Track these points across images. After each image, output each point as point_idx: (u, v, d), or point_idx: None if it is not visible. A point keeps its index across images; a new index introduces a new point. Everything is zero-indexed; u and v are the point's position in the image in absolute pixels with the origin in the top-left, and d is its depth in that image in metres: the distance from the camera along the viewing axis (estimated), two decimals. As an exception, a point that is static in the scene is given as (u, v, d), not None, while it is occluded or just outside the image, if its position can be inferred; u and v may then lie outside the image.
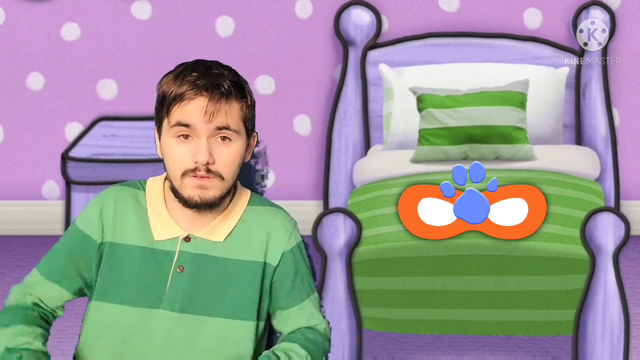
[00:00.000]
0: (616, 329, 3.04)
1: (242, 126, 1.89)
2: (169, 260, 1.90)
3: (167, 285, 1.89)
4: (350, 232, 3.10)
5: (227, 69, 1.89)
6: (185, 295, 1.90)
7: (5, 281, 3.82)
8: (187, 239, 1.91)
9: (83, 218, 1.93)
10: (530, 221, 3.11)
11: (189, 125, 1.83)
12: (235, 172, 1.89)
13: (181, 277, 1.90)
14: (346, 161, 3.87)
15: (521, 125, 3.54)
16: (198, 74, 1.85)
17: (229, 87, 1.85)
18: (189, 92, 1.83)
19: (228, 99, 1.85)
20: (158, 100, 1.89)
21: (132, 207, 1.93)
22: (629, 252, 3.96)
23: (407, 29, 4.07)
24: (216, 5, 4.10)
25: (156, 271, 1.90)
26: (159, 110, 1.88)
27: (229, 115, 1.85)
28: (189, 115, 1.83)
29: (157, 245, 1.91)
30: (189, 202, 1.86)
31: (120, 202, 1.93)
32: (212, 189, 1.86)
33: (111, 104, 4.17)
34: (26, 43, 4.12)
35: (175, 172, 1.86)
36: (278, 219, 1.98)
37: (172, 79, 1.87)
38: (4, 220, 4.24)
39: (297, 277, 1.97)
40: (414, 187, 3.23)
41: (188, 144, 1.84)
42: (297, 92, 4.15)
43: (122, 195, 1.94)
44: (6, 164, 4.22)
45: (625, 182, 4.13)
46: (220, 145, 1.86)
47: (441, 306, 3.11)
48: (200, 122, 1.83)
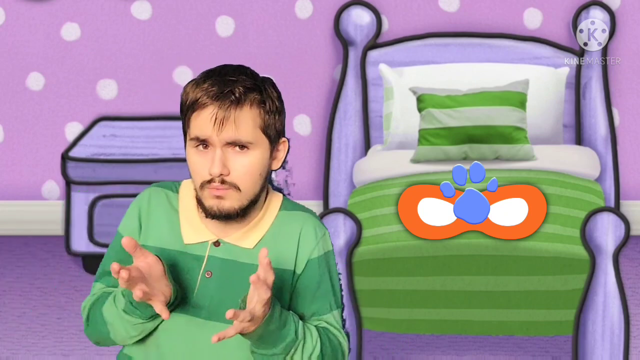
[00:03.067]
0: (616, 329, 3.04)
1: (261, 134, 1.82)
2: (198, 264, 1.86)
3: (195, 290, 1.86)
4: (350, 232, 3.10)
5: (245, 74, 1.83)
6: (212, 302, 1.86)
7: (6, 281, 3.82)
8: (217, 244, 1.87)
9: (124, 222, 1.92)
10: (530, 221, 3.11)
11: (204, 137, 1.78)
12: (256, 182, 1.83)
13: (209, 282, 1.86)
14: (346, 161, 3.87)
15: (521, 125, 3.54)
16: (212, 81, 1.79)
17: (240, 94, 1.78)
18: (201, 101, 1.78)
19: (239, 107, 1.78)
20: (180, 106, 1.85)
21: (164, 209, 1.90)
22: (629, 252, 3.96)
23: (407, 29, 4.07)
24: (216, 5, 4.10)
25: (185, 275, 1.86)
26: (182, 118, 1.84)
27: (242, 124, 1.78)
28: (203, 126, 1.78)
29: (187, 249, 1.87)
30: (209, 212, 1.82)
31: (153, 202, 1.91)
32: (228, 199, 1.80)
33: (111, 104, 4.17)
34: (26, 43, 4.12)
35: (196, 183, 1.83)
36: (309, 225, 1.91)
37: (192, 85, 1.81)
38: (4, 220, 4.24)
39: (320, 289, 1.89)
40: (414, 187, 3.23)
41: (206, 154, 1.79)
42: (297, 92, 4.15)
43: (156, 195, 1.91)
44: (6, 164, 4.22)
45: (625, 182, 4.13)
46: (237, 154, 1.80)
47: (441, 306, 3.11)
48: (212, 133, 1.77)
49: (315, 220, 1.92)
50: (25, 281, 3.81)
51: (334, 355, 1.89)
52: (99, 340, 1.94)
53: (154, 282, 1.76)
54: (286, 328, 1.81)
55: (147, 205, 1.90)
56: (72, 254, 3.78)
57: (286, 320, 1.81)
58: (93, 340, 1.94)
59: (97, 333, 1.91)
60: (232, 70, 1.82)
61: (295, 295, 1.89)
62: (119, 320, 1.84)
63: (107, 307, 1.86)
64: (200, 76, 1.83)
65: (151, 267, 1.76)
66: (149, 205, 1.90)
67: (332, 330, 1.90)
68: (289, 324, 1.81)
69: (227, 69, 1.83)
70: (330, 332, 1.89)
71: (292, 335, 1.82)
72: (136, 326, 1.84)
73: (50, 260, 3.93)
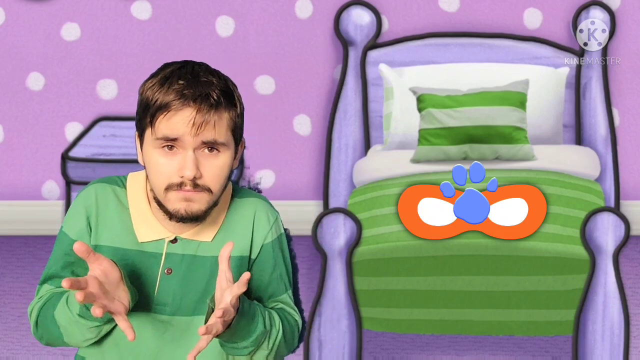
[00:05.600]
0: (616, 329, 3.04)
1: (231, 136, 1.79)
2: (156, 262, 1.84)
3: (155, 288, 1.84)
4: (350, 232, 3.10)
5: (215, 75, 1.78)
6: (175, 297, 1.85)
7: (5, 281, 3.82)
8: (174, 240, 1.85)
9: (69, 223, 1.85)
10: (530, 221, 3.11)
11: (176, 139, 1.73)
12: (224, 183, 1.81)
13: (170, 279, 1.84)
14: (346, 161, 3.87)
15: (521, 125, 3.54)
16: (185, 82, 1.74)
17: (218, 97, 1.74)
18: (175, 103, 1.72)
19: (217, 110, 1.74)
20: (140, 105, 1.78)
21: (113, 206, 1.84)
22: (629, 252, 3.96)
23: (407, 29, 4.07)
24: (216, 5, 4.10)
25: (144, 274, 1.83)
26: (142, 117, 1.77)
27: (218, 127, 1.75)
28: (175, 127, 1.72)
29: (142, 247, 1.83)
30: (174, 215, 1.77)
31: (101, 200, 1.84)
32: (198, 202, 1.77)
33: (111, 104, 4.17)
34: (26, 43, 4.12)
35: (159, 185, 1.77)
36: (261, 211, 1.91)
37: (157, 84, 1.76)
38: (4, 220, 4.24)
39: (275, 272, 1.92)
40: (414, 187, 3.23)
41: (173, 156, 1.75)
42: (297, 92, 4.15)
43: (102, 192, 1.85)
44: (6, 164, 4.22)
45: (625, 182, 4.13)
46: (208, 157, 1.77)
47: (441, 306, 3.11)
48: (187, 135, 1.72)
49: (266, 204, 1.93)
50: (25, 281, 3.81)
51: (292, 333, 1.93)
52: (49, 343, 1.88)
53: (112, 289, 1.71)
54: (254, 321, 1.81)
55: (95, 203, 1.84)
56: (72, 254, 3.78)
57: (254, 313, 1.81)
58: (43, 342, 1.89)
59: (48, 336, 1.85)
60: (201, 71, 1.78)
61: (252, 280, 1.89)
62: (74, 324, 1.79)
63: (59, 311, 1.80)
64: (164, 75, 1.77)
65: (107, 273, 1.70)
66: (96, 203, 1.84)
67: (288, 310, 1.93)
68: (257, 317, 1.81)
69: (196, 69, 1.78)
70: (286, 312, 1.93)
71: (262, 328, 1.82)
72: (92, 329, 1.80)
73: (50, 260, 3.93)
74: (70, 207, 1.86)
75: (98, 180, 1.88)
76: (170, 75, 1.77)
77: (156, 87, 1.76)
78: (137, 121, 1.80)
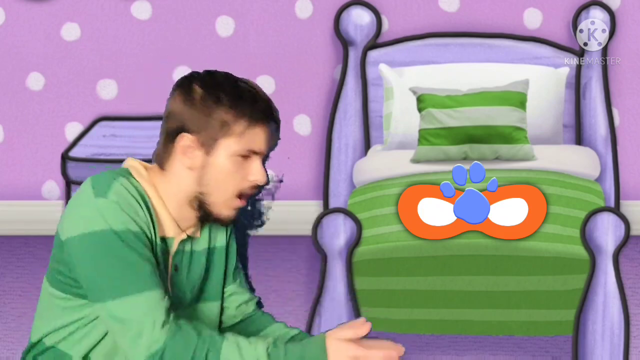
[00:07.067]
0: (616, 329, 3.04)
1: None
2: (166, 258, 1.88)
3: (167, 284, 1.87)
4: (350, 232, 3.10)
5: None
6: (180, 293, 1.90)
7: (5, 281, 3.82)
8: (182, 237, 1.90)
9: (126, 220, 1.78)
10: (530, 221, 3.11)
11: (258, 151, 1.86)
12: None
13: (176, 276, 1.89)
14: (346, 161, 3.87)
15: (521, 125, 3.54)
16: (266, 100, 1.88)
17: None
18: (263, 119, 1.85)
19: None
20: (218, 114, 1.83)
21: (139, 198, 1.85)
22: (629, 252, 3.96)
23: (407, 29, 4.07)
24: (216, 5, 4.11)
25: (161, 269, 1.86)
26: (221, 126, 1.83)
27: None
28: (260, 141, 1.85)
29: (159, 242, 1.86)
30: (223, 220, 1.87)
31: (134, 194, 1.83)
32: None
33: (111, 104, 4.18)
34: (26, 43, 4.12)
35: (228, 190, 1.85)
36: None
37: (242, 98, 1.85)
38: (4, 220, 4.24)
39: (237, 254, 2.03)
40: (414, 187, 3.23)
41: (242, 164, 1.85)
42: (297, 92, 4.15)
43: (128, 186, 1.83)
44: (6, 164, 4.22)
45: (625, 182, 4.13)
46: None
47: (441, 306, 3.11)
48: (265, 149, 1.87)
49: None
50: (25, 281, 3.81)
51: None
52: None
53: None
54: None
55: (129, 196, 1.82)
56: (72, 254, 3.78)
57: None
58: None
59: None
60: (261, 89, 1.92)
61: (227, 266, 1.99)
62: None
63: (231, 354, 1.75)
64: (246, 89, 1.86)
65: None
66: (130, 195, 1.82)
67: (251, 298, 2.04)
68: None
69: (257, 86, 1.91)
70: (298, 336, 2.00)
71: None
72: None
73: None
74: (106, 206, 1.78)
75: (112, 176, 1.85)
76: (249, 91, 1.87)
77: (244, 102, 1.85)
78: (208, 127, 1.84)
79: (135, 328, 1.72)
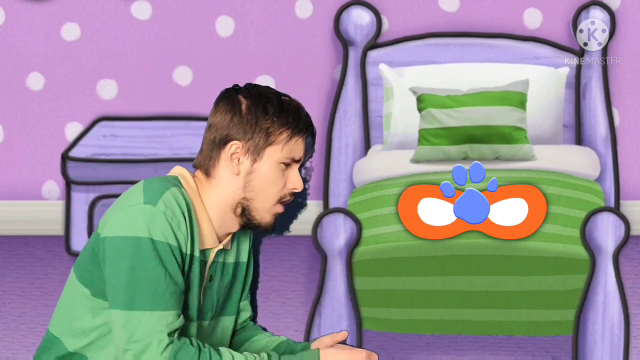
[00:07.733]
0: (616, 329, 3.04)
1: None
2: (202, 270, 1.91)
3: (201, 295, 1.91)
4: (350, 232, 3.10)
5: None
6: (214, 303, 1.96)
7: (5, 281, 3.82)
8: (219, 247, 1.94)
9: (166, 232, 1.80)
10: (530, 221, 3.11)
11: (298, 160, 2.00)
12: None
13: (210, 286, 1.94)
14: (346, 161, 3.87)
15: (521, 125, 3.54)
16: (307, 113, 2.06)
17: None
18: (303, 130, 2.02)
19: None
20: (265, 123, 1.94)
21: (185, 210, 1.87)
22: (629, 252, 3.95)
23: (407, 29, 4.07)
24: (216, 5, 4.10)
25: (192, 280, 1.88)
26: (267, 134, 1.93)
27: None
28: (301, 151, 2.00)
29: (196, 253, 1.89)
30: (263, 226, 1.95)
31: (181, 206, 1.84)
32: None
33: (111, 104, 4.17)
34: (26, 43, 4.12)
35: (271, 196, 1.95)
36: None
37: (286, 110, 1.99)
38: (4, 220, 4.24)
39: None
40: (414, 187, 3.23)
41: (284, 171, 1.98)
42: (297, 92, 4.14)
43: (178, 196, 1.85)
44: (6, 164, 4.22)
45: (625, 182, 4.13)
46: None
47: (441, 306, 3.11)
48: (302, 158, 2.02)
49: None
50: (25, 281, 3.80)
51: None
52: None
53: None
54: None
55: (177, 209, 1.84)
56: (72, 254, 3.78)
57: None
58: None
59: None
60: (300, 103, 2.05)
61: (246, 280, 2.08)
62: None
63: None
64: (292, 105, 2.02)
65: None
66: (178, 208, 1.85)
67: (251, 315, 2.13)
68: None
69: (297, 100, 2.08)
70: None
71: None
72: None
73: (50, 260, 3.92)
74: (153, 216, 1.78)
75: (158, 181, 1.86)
76: (293, 105, 2.04)
77: (291, 115, 2.00)
78: (252, 135, 1.92)
79: (141, 344, 1.73)
